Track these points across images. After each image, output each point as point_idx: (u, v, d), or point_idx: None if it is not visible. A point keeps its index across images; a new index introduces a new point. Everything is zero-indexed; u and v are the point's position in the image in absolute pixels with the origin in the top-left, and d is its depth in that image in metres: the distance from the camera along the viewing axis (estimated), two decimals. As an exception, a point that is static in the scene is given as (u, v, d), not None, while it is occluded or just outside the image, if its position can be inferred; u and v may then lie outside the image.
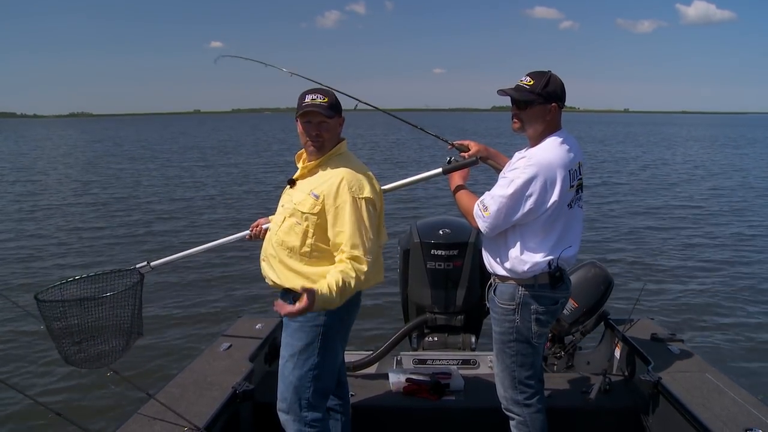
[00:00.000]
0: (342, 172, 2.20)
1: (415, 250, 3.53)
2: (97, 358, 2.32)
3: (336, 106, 2.27)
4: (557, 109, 2.30)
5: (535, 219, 2.25)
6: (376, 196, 2.27)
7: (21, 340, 5.67)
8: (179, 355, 4.94)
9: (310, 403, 2.29)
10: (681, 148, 34.69)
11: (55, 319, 2.29)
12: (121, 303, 2.37)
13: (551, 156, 2.25)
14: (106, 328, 2.34)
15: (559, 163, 2.23)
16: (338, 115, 2.28)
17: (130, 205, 13.15)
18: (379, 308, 6.23)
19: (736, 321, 6.40)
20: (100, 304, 2.34)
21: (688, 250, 9.52)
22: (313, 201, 2.19)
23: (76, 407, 4.32)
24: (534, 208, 2.22)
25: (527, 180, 2.20)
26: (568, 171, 2.26)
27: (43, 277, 7.93)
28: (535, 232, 2.28)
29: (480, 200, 2.34)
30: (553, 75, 2.31)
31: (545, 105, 2.28)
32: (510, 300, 2.36)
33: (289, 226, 2.25)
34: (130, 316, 2.39)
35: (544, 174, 2.21)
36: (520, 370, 2.43)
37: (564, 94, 2.32)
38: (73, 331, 2.30)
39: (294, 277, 2.23)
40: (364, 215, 2.17)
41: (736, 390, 2.63)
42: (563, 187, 2.23)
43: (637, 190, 16.42)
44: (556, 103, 2.29)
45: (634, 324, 3.39)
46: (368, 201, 2.19)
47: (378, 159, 24.55)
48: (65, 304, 2.30)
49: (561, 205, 2.25)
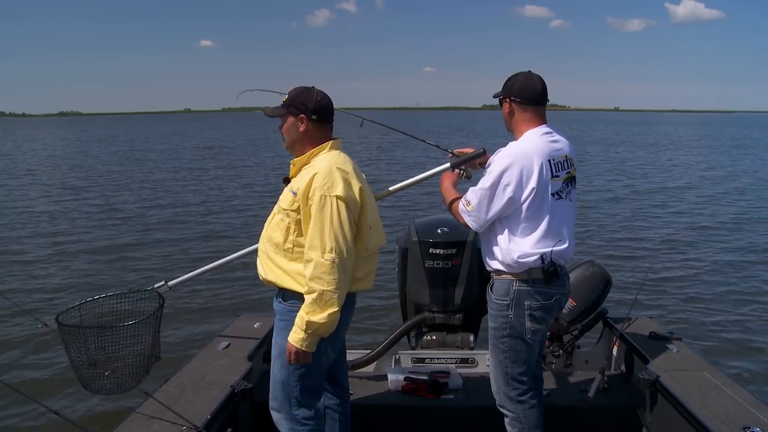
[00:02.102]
0: (316, 169, 2.18)
1: (414, 248, 3.53)
2: (116, 385, 2.31)
3: (287, 105, 2.27)
4: (511, 104, 2.41)
5: (519, 209, 2.30)
6: (352, 194, 2.17)
7: (19, 339, 5.66)
8: (177, 354, 4.93)
9: (299, 401, 2.30)
10: (681, 149, 34.71)
11: (74, 343, 2.27)
12: (142, 329, 2.36)
13: (526, 146, 2.34)
14: (126, 354, 2.33)
15: (535, 152, 2.30)
16: (290, 114, 2.27)
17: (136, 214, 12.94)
18: (377, 307, 6.23)
19: (735, 319, 6.41)
20: (121, 331, 2.32)
21: (687, 249, 9.52)
22: (292, 198, 2.20)
23: (74, 406, 4.31)
24: (514, 196, 2.27)
25: (503, 169, 2.28)
26: (547, 160, 2.31)
27: (44, 280, 7.93)
28: (520, 222, 2.32)
29: (464, 196, 2.42)
30: (521, 74, 2.43)
31: (504, 100, 2.44)
32: (504, 295, 2.38)
33: (276, 222, 2.28)
34: (149, 341, 2.38)
35: (520, 162, 2.28)
36: (513, 366, 2.43)
37: (524, 90, 2.40)
38: (92, 357, 2.28)
39: (277, 273, 2.26)
40: (332, 213, 2.09)
41: (734, 388, 2.63)
42: (541, 175, 2.28)
43: (637, 189, 16.41)
44: (508, 98, 2.42)
45: (633, 322, 3.39)
46: (339, 199, 2.11)
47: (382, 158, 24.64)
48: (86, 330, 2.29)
49: (542, 193, 2.29)
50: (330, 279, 2.07)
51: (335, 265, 2.07)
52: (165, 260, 8.79)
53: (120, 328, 2.33)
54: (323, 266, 2.07)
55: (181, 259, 8.78)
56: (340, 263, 2.08)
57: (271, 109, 2.33)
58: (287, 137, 2.30)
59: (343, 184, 2.15)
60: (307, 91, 2.28)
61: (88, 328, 2.30)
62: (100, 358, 2.29)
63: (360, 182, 2.25)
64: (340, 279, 2.08)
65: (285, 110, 2.28)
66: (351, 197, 2.16)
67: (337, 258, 2.08)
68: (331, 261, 2.07)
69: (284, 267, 2.24)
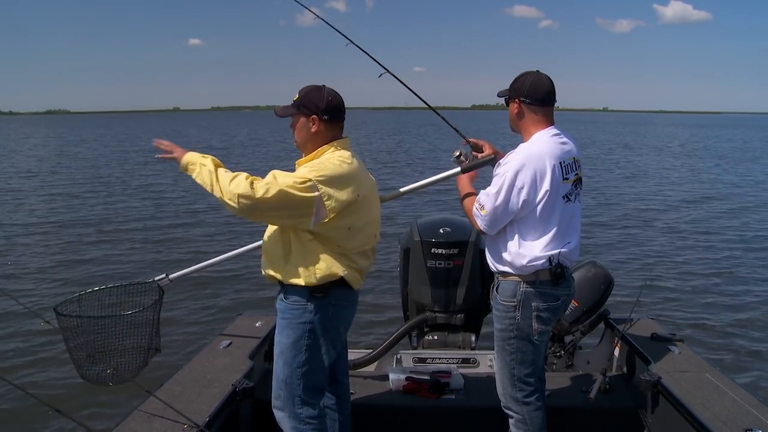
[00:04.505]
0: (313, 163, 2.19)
1: (416, 248, 3.53)
2: (114, 376, 2.30)
3: (298, 105, 2.24)
4: (521, 104, 2.37)
5: (531, 211, 2.28)
6: (336, 188, 2.12)
7: (20, 337, 5.67)
8: (179, 352, 4.94)
9: (303, 399, 2.29)
10: (681, 150, 34.64)
11: (72, 333, 2.26)
12: (141, 320, 2.35)
13: (538, 148, 2.30)
14: (124, 345, 2.32)
15: (547, 154, 2.28)
16: (300, 114, 2.24)
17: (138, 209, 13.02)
18: (378, 306, 6.23)
19: (737, 321, 6.39)
20: (119, 321, 2.32)
21: (689, 250, 9.51)
22: None
23: (75, 404, 4.32)
24: (528, 199, 2.25)
25: (516, 172, 2.25)
26: (559, 162, 2.29)
27: (42, 278, 7.94)
28: (532, 224, 2.30)
29: (477, 199, 2.38)
30: (531, 73, 2.39)
31: (512, 101, 2.40)
32: (511, 297, 2.37)
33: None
34: (148, 333, 2.37)
35: (533, 165, 2.25)
36: (520, 368, 2.43)
37: (535, 91, 2.35)
38: (90, 347, 2.27)
39: (278, 268, 2.25)
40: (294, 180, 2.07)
41: (736, 390, 2.62)
42: (554, 177, 2.26)
43: (638, 190, 16.41)
44: (517, 99, 2.37)
45: (635, 323, 3.38)
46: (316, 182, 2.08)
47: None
48: (84, 320, 2.28)
49: (554, 195, 2.27)
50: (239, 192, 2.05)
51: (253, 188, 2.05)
52: (168, 255, 8.82)
53: (118, 318, 2.31)
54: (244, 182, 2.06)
55: (185, 254, 8.79)
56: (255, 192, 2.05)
57: (282, 108, 2.30)
58: (298, 137, 2.28)
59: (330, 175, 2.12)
60: (318, 90, 2.25)
61: (86, 318, 2.29)
62: (99, 348, 2.28)
63: (355, 184, 2.21)
64: (240, 201, 2.05)
65: (296, 110, 2.26)
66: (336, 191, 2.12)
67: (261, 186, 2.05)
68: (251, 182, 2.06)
69: (285, 261, 2.23)
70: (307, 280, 2.19)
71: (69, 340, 2.28)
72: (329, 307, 2.25)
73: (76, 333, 2.27)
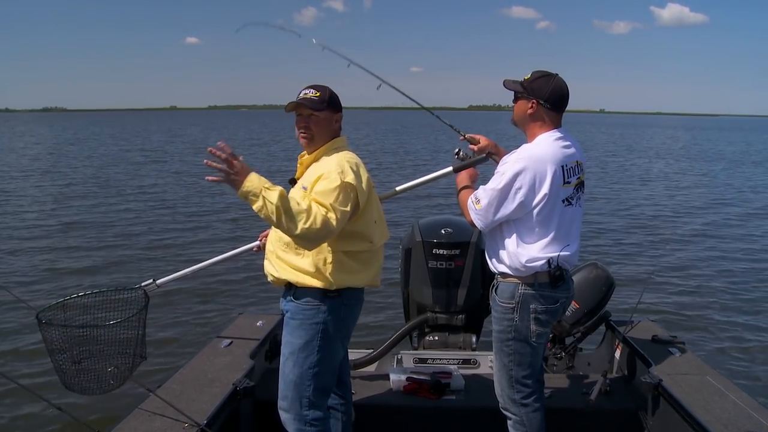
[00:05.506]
0: (329, 161, 2.22)
1: (417, 249, 3.53)
2: (99, 385, 2.27)
3: (328, 101, 2.28)
4: (538, 107, 2.33)
5: (529, 213, 2.27)
6: (360, 184, 2.19)
7: (20, 335, 5.67)
8: (180, 351, 4.94)
9: (311, 401, 2.29)
10: (682, 151, 34.62)
11: (55, 341, 2.21)
12: (126, 327, 2.31)
13: (541, 150, 2.29)
14: (109, 353, 2.28)
15: (549, 158, 2.27)
16: (330, 110, 2.28)
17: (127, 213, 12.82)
18: (380, 307, 6.23)
19: (738, 324, 6.38)
20: (104, 331, 2.27)
21: (690, 253, 9.50)
22: (303, 193, 2.19)
23: (76, 402, 4.31)
24: (524, 201, 2.25)
25: (516, 173, 2.24)
26: (560, 166, 2.28)
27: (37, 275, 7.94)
28: (531, 227, 2.30)
29: (474, 193, 2.38)
30: (552, 77, 2.35)
31: (527, 99, 2.35)
32: (510, 298, 2.37)
33: None
34: (134, 341, 2.34)
35: (534, 168, 2.24)
36: (518, 369, 2.43)
37: (555, 96, 2.33)
38: (74, 356, 2.22)
39: (290, 271, 2.25)
40: (340, 189, 2.10)
41: (736, 393, 2.62)
42: (554, 182, 2.25)
43: (641, 193, 16.39)
44: (536, 100, 2.33)
45: (635, 326, 3.38)
46: (349, 186, 2.14)
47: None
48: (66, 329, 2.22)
49: (553, 199, 2.27)
50: (316, 227, 2.01)
51: (328, 221, 2.04)
52: (157, 259, 8.71)
53: (102, 328, 2.26)
54: (320, 217, 2.03)
55: (174, 258, 8.70)
56: (332, 224, 2.05)
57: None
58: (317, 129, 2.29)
59: (353, 174, 2.17)
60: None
61: (69, 327, 2.24)
62: (83, 357, 2.23)
63: (365, 174, 2.28)
64: (318, 235, 2.04)
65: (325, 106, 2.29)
66: (359, 186, 2.18)
67: (334, 217, 2.05)
68: (335, 217, 2.05)
69: (296, 264, 2.23)
70: (325, 284, 2.20)
71: (53, 351, 2.22)
72: (342, 306, 2.25)
73: (59, 342, 2.21)
